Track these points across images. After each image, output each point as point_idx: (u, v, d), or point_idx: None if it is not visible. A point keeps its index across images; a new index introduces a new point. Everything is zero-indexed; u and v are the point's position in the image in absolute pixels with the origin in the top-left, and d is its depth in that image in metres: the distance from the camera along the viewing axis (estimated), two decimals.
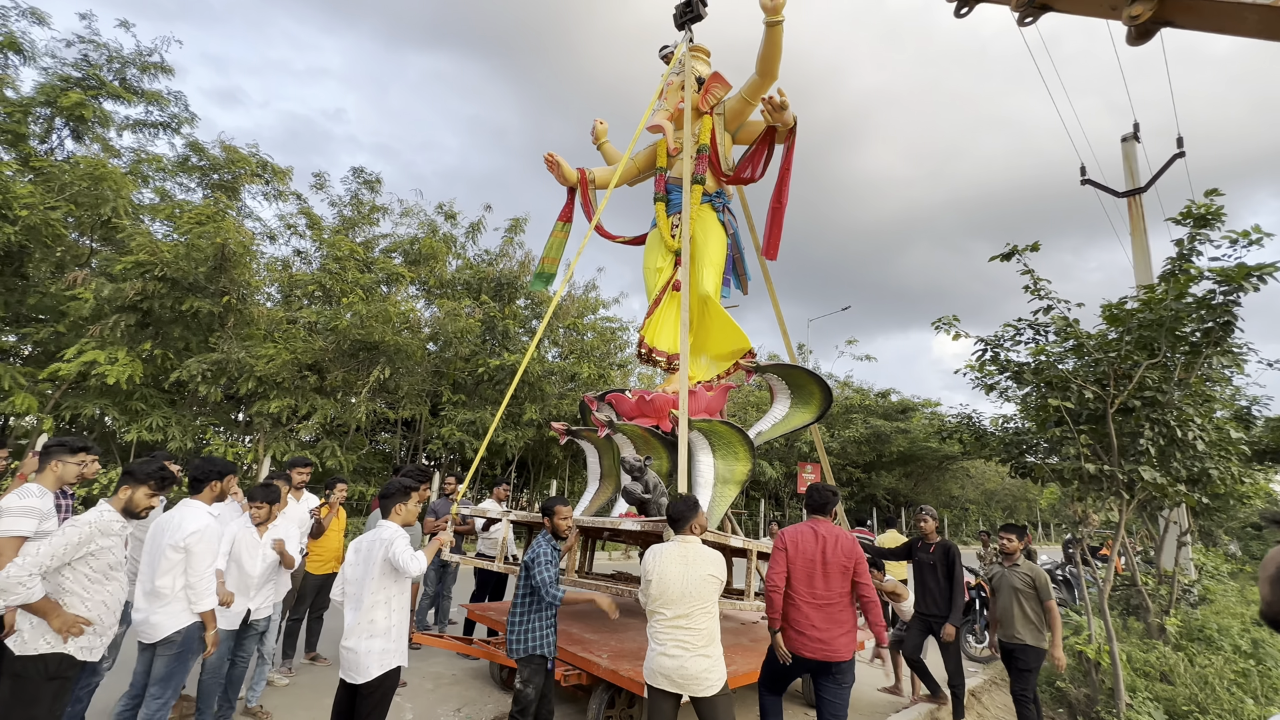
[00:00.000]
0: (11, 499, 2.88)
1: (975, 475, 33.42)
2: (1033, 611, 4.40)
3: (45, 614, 2.49)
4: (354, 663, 2.93)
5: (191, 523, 3.14)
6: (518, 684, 3.34)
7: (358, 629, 2.97)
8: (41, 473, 3.06)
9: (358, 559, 3.13)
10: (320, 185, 14.99)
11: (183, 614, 3.09)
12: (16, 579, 2.37)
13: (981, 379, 6.37)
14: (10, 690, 2.45)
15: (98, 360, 9.43)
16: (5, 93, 10.99)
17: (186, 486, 3.17)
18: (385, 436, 15.61)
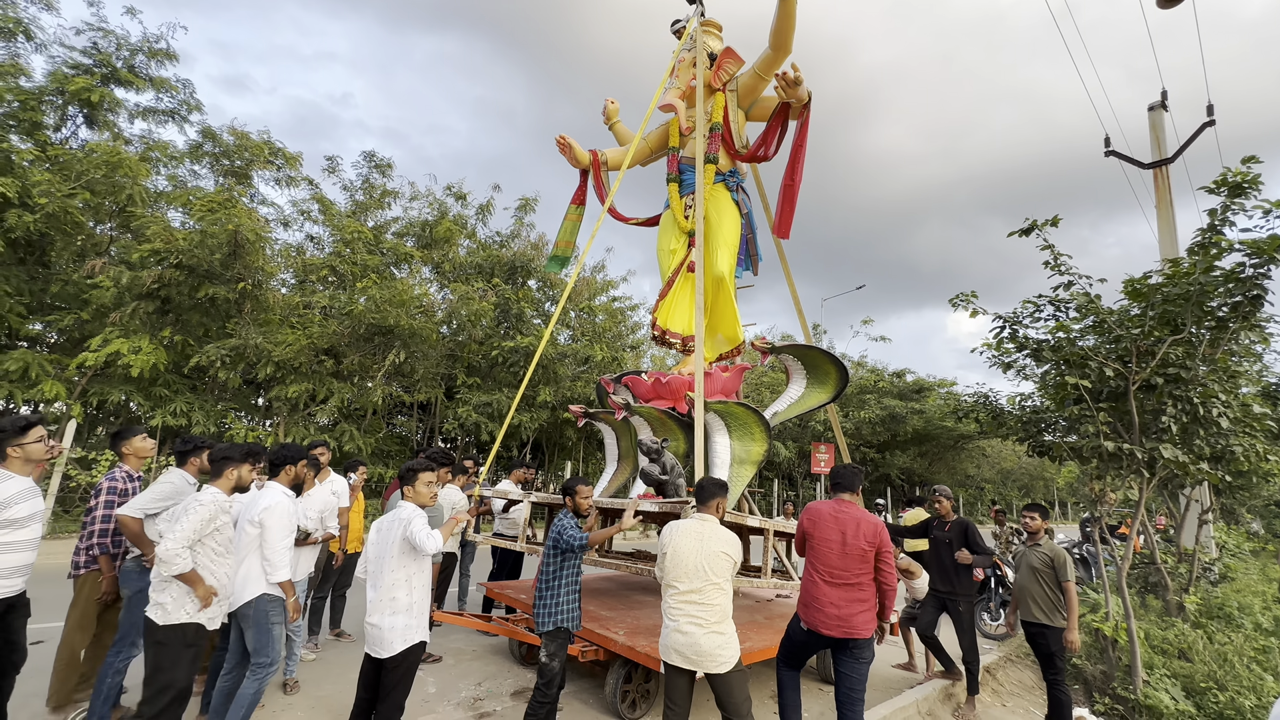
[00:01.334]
0: None
1: (991, 454, 33.21)
2: (1051, 591, 4.39)
3: (193, 584, 2.83)
4: (378, 638, 3.00)
5: (266, 499, 3.29)
6: (543, 657, 3.40)
7: (380, 605, 3.03)
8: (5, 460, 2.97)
9: (378, 538, 3.19)
10: (332, 169, 15.02)
11: (255, 583, 3.20)
12: (174, 551, 2.71)
13: (999, 357, 6.29)
14: (155, 657, 2.75)
15: (121, 350, 9.63)
16: (19, 81, 11.08)
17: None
18: (402, 420, 15.81)
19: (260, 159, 13.02)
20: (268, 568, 3.22)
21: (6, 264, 9.89)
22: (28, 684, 4.06)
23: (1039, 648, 4.44)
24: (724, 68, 6.81)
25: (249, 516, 3.28)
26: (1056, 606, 4.34)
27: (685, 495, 5.17)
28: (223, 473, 3.14)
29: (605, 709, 4.23)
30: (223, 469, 3.14)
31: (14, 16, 11.14)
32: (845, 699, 3.35)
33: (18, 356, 9.49)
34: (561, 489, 3.79)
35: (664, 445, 5.20)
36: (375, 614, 3.04)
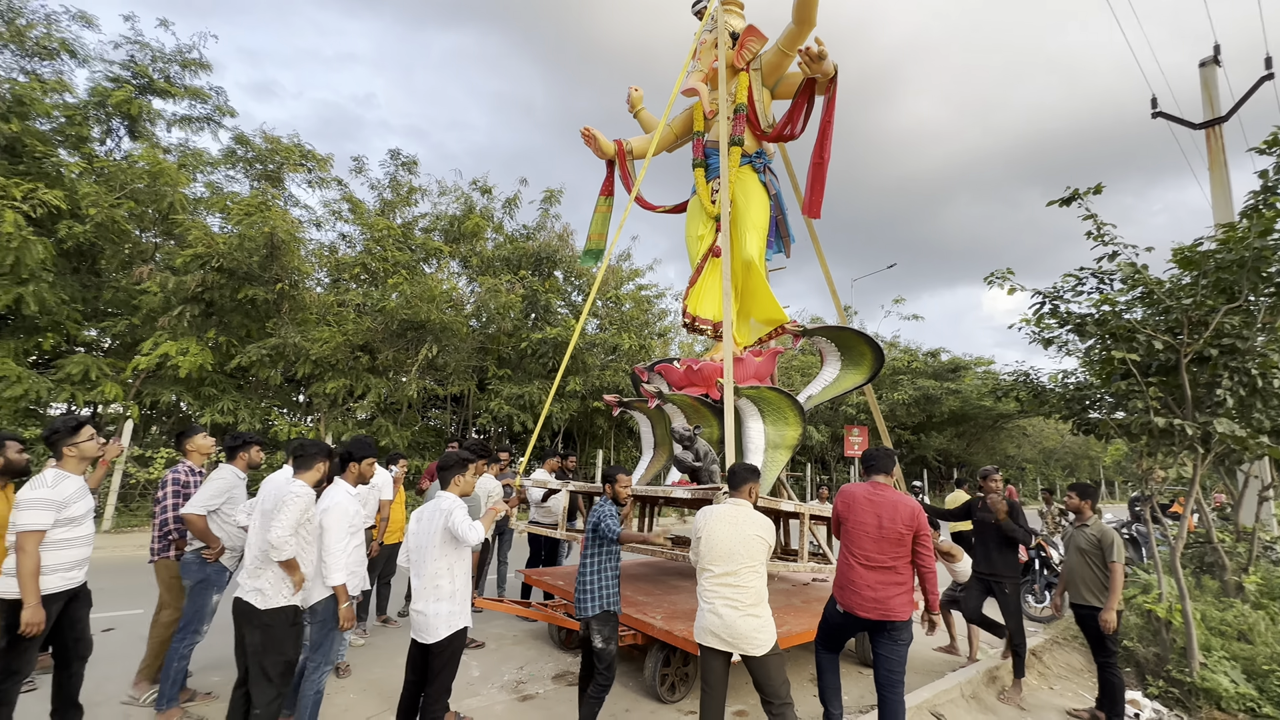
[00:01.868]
0: (25, 489, 2.96)
1: (1032, 434, 32.28)
2: (1099, 572, 4.27)
3: (292, 570, 3.03)
4: (424, 624, 3.10)
5: (326, 499, 3.33)
6: (598, 643, 3.43)
7: (424, 593, 3.13)
8: (61, 460, 3.12)
9: (419, 528, 3.28)
10: (360, 169, 15.29)
11: (323, 587, 3.28)
12: (284, 539, 2.92)
13: (1039, 333, 6.07)
14: (262, 639, 2.94)
15: (170, 352, 10.06)
16: (65, 97, 11.55)
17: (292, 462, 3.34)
18: (436, 412, 16.15)
19: (291, 162, 13.34)
20: (324, 569, 3.24)
21: (62, 273, 10.37)
22: (100, 669, 4.32)
23: (1089, 630, 4.32)
24: (747, 46, 6.68)
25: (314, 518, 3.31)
26: (1106, 587, 4.22)
27: (719, 481, 5.19)
28: (312, 466, 3.23)
29: (645, 692, 4.29)
30: (311, 463, 3.23)
31: (59, 37, 11.59)
32: (885, 681, 3.33)
33: (78, 360, 9.99)
34: (602, 477, 3.83)
35: (697, 432, 5.21)
36: (420, 601, 3.13)
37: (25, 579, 2.81)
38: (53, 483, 2.96)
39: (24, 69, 11.42)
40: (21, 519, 2.84)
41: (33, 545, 2.83)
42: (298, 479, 3.17)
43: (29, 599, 2.81)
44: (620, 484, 3.78)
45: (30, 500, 2.87)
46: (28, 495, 2.89)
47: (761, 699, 3.12)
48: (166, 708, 3.56)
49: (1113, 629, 4.14)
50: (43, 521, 2.87)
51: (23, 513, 2.85)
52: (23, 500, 2.88)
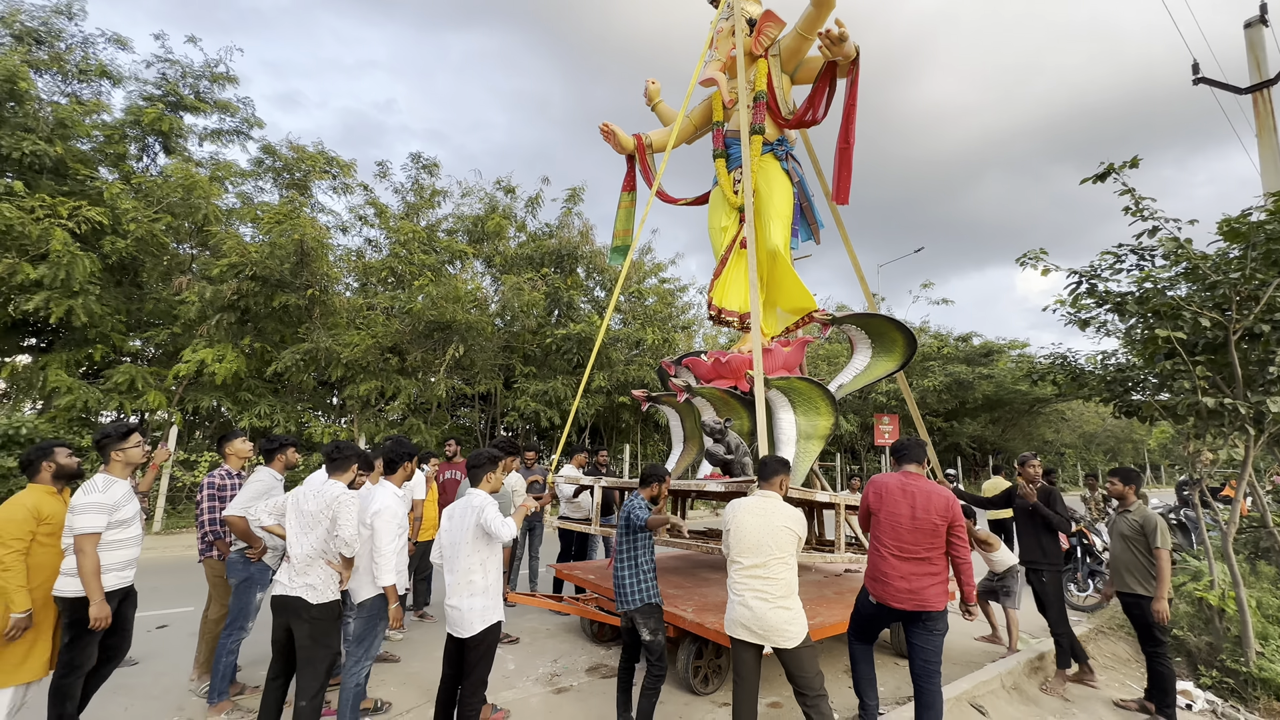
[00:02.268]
0: (79, 494, 3.07)
1: (1071, 418, 31.25)
2: (1144, 559, 4.13)
3: (348, 566, 3.26)
4: (459, 619, 3.16)
5: (377, 502, 3.39)
6: (646, 635, 3.46)
7: (458, 588, 3.18)
8: (108, 464, 3.24)
9: (451, 525, 3.34)
10: (383, 174, 15.56)
11: (370, 585, 3.35)
12: (353, 536, 3.12)
13: (1075, 315, 5.87)
14: (311, 631, 3.07)
15: (206, 360, 10.41)
16: (103, 118, 12.01)
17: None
18: (465, 411, 16.40)
19: (317, 169, 13.64)
20: (375, 570, 3.30)
21: (106, 286, 10.81)
22: (156, 664, 4.52)
23: (1136, 619, 4.19)
24: (764, 32, 6.57)
25: (362, 518, 3.37)
26: (1151, 575, 4.08)
27: (752, 474, 5.16)
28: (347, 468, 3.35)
29: (678, 684, 4.31)
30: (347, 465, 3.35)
31: (97, 60, 12.06)
32: (921, 671, 3.29)
33: (124, 370, 10.41)
34: (642, 477, 3.83)
35: (727, 425, 5.19)
36: (454, 596, 3.19)
37: (88, 578, 2.96)
38: (103, 487, 3.11)
39: (65, 92, 11.91)
40: (78, 522, 2.99)
41: (91, 546, 2.98)
42: (334, 480, 3.25)
43: (94, 596, 2.96)
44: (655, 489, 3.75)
45: (85, 504, 3.01)
46: (82, 500, 3.03)
47: (795, 691, 3.11)
48: (218, 700, 3.71)
49: (1166, 618, 4.01)
50: (97, 524, 3.01)
51: (78, 516, 2.99)
52: (77, 505, 3.02)
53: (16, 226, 9.18)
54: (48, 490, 3.10)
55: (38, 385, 10.19)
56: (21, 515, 2.93)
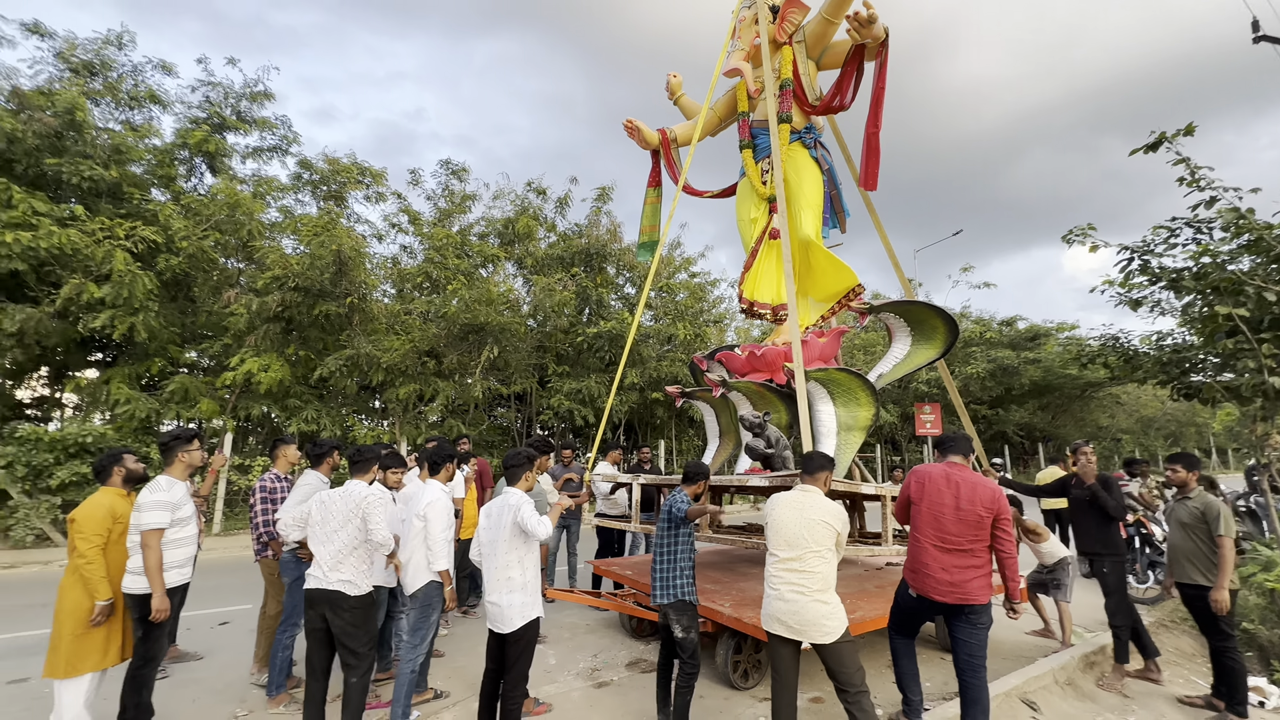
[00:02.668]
0: (144, 493, 3.31)
1: (1127, 402, 29.79)
2: (1207, 548, 3.92)
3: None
4: (499, 615, 3.23)
5: (428, 495, 3.68)
6: (680, 633, 3.48)
7: (497, 585, 3.26)
8: (170, 465, 3.48)
9: (489, 523, 3.41)
10: (415, 182, 15.92)
11: (425, 573, 3.60)
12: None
13: (1126, 294, 5.60)
14: (352, 620, 3.25)
15: (253, 369, 10.88)
16: (154, 142, 12.64)
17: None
18: (502, 411, 16.68)
19: (351, 180, 14.05)
20: (430, 557, 3.56)
21: (163, 302, 11.39)
22: (221, 657, 4.76)
23: (1198, 611, 3.99)
24: (788, 18, 6.45)
25: (415, 511, 3.67)
26: (1214, 564, 3.88)
27: (794, 467, 5.11)
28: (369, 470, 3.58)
29: (718, 679, 4.30)
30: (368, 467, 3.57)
31: (145, 87, 12.70)
32: (965, 666, 3.20)
33: (178, 381, 10.96)
34: (684, 475, 3.86)
35: (766, 419, 5.15)
36: (493, 593, 3.26)
37: (153, 571, 3.18)
38: (166, 487, 3.34)
39: (118, 119, 12.58)
40: (145, 519, 3.21)
41: (156, 541, 3.21)
42: (357, 480, 3.43)
43: (157, 589, 3.18)
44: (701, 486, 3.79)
45: (150, 502, 3.24)
46: (148, 498, 3.26)
47: (836, 687, 3.06)
48: (276, 693, 3.89)
49: (1225, 609, 3.80)
50: (162, 520, 3.24)
51: (145, 514, 3.22)
52: (144, 503, 3.25)
53: (81, 249, 9.76)
54: (118, 492, 3.35)
55: (102, 397, 10.82)
56: (101, 513, 3.17)
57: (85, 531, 3.09)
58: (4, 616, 5.80)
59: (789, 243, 5.68)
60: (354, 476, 3.46)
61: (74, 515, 3.16)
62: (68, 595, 3.08)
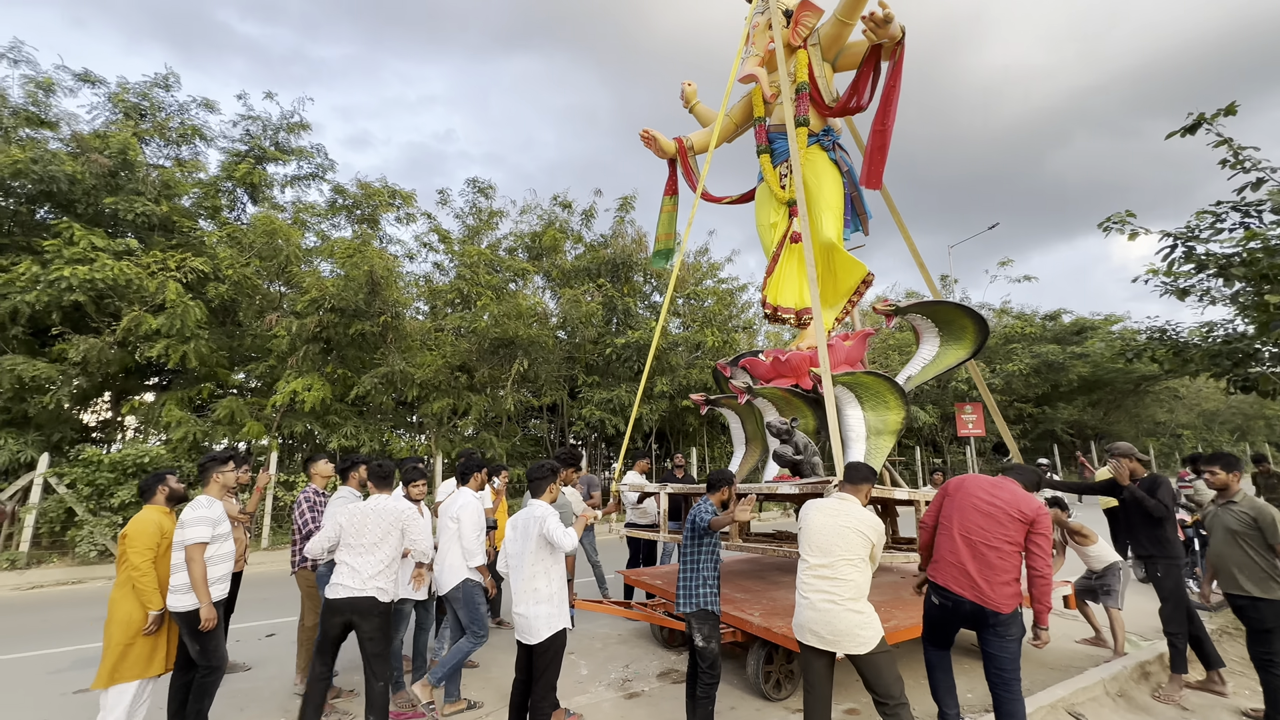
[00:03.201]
0: (187, 511, 3.50)
1: (1186, 396, 28.24)
2: (1259, 557, 3.68)
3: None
4: (526, 626, 3.27)
5: (460, 500, 4.11)
6: (699, 641, 3.46)
7: (524, 596, 3.30)
8: (206, 485, 3.70)
9: (515, 535, 3.47)
10: (444, 201, 16.37)
11: (462, 570, 3.98)
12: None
13: (1172, 282, 5.36)
14: (380, 625, 3.48)
15: (297, 390, 11.30)
16: (200, 176, 13.35)
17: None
18: (535, 422, 16.89)
19: (383, 203, 14.53)
20: (466, 556, 3.96)
21: (211, 327, 11.96)
22: (267, 669, 4.93)
23: (1249, 622, 3.75)
24: (802, 22, 6.42)
25: (449, 514, 4.06)
26: (1270, 575, 3.63)
27: (823, 474, 5.04)
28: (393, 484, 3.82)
29: (750, 689, 4.25)
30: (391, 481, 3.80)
31: (191, 124, 13.44)
32: (996, 680, 3.08)
33: (225, 404, 11.47)
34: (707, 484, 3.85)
35: (793, 425, 5.10)
36: (521, 604, 3.31)
37: (199, 582, 3.34)
38: (206, 505, 3.51)
39: (166, 155, 13.33)
40: (189, 534, 3.39)
41: (200, 554, 3.38)
42: (383, 494, 3.65)
43: (204, 599, 3.34)
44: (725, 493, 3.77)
45: (194, 519, 3.42)
46: (190, 515, 3.44)
47: (874, 699, 2.97)
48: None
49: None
50: (205, 534, 3.42)
51: (188, 529, 3.39)
52: (186, 519, 3.42)
53: (136, 281, 10.35)
54: (163, 510, 3.53)
55: (155, 420, 11.40)
56: (151, 529, 3.36)
57: (138, 545, 3.27)
58: (70, 629, 6.14)
59: (810, 246, 5.62)
60: (379, 490, 3.66)
61: (126, 531, 3.34)
62: (120, 607, 3.26)
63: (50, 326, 10.42)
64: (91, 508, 9.87)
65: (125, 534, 3.33)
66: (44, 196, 11.19)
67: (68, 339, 10.23)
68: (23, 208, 11.39)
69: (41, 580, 8.73)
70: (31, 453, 10.02)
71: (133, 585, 3.25)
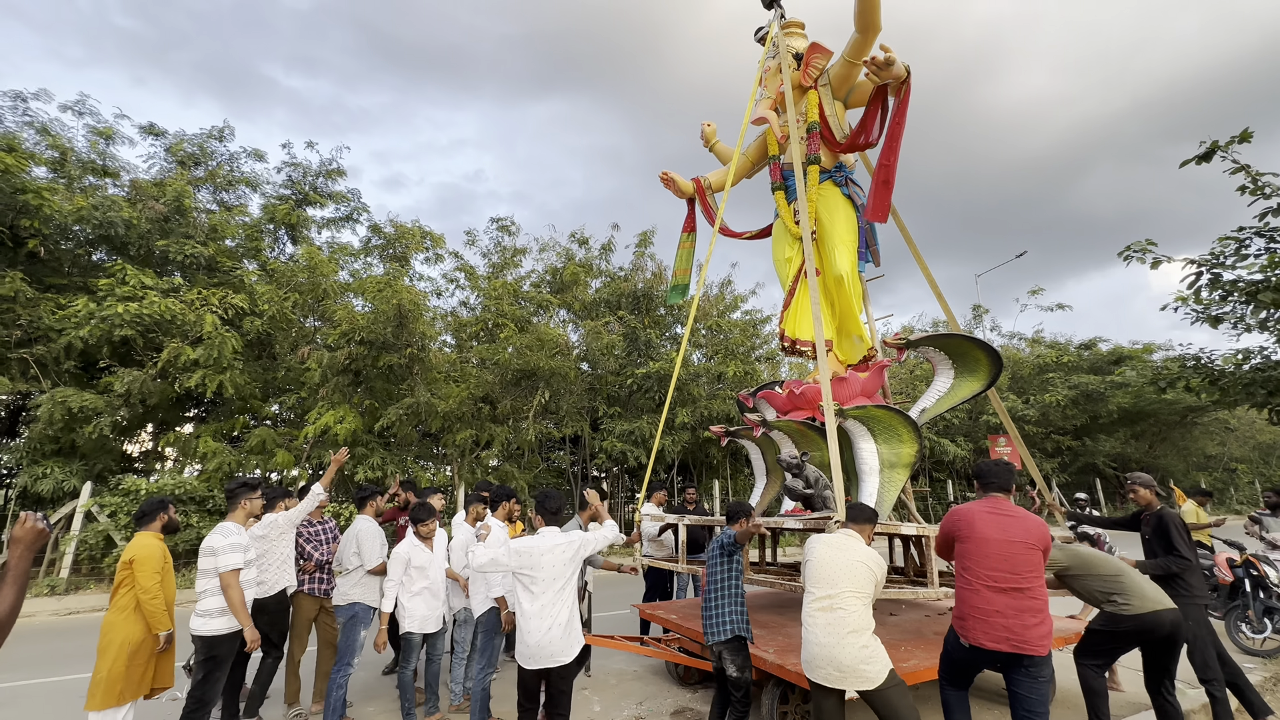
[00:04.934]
0: (215, 538, 3.60)
1: (1239, 428, 26.84)
2: None
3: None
4: (534, 655, 3.27)
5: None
6: (732, 671, 3.43)
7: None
8: (234, 511, 3.82)
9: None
10: (471, 241, 16.94)
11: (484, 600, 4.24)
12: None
13: (1202, 310, 5.22)
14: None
15: (329, 422, 11.63)
16: (243, 219, 14.15)
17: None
18: (558, 454, 16.97)
19: (414, 243, 15.11)
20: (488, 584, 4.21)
21: (247, 360, 12.46)
22: (276, 701, 4.98)
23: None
24: (812, 64, 6.63)
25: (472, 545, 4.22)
26: None
27: (834, 507, 4.98)
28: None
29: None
30: (499, 505, 4.41)
31: (242, 175, 14.37)
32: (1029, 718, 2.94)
33: (257, 434, 11.85)
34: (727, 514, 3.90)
35: (805, 459, 5.10)
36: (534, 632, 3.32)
37: (238, 609, 3.46)
38: (236, 531, 3.64)
39: (215, 200, 14.18)
40: (222, 561, 3.50)
41: (235, 580, 3.49)
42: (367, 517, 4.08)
43: (246, 622, 3.46)
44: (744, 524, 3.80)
45: (225, 546, 3.54)
46: (222, 542, 3.54)
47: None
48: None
49: None
50: (238, 561, 3.54)
51: (221, 556, 3.51)
52: (219, 547, 3.53)
53: (178, 316, 10.92)
54: (159, 536, 3.60)
55: (191, 450, 11.82)
56: (156, 553, 3.44)
57: (146, 569, 3.33)
58: None
59: (815, 284, 5.69)
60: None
61: (132, 556, 3.39)
62: (119, 630, 3.26)
63: (99, 360, 11.00)
64: (128, 536, 10.20)
65: (131, 559, 3.38)
66: (102, 240, 11.97)
67: (114, 371, 10.78)
68: (81, 250, 12.19)
69: (79, 606, 9.01)
70: (75, 481, 10.46)
71: (141, 607, 3.28)
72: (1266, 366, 4.98)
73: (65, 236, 11.80)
